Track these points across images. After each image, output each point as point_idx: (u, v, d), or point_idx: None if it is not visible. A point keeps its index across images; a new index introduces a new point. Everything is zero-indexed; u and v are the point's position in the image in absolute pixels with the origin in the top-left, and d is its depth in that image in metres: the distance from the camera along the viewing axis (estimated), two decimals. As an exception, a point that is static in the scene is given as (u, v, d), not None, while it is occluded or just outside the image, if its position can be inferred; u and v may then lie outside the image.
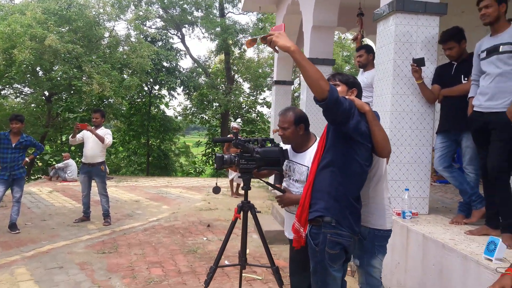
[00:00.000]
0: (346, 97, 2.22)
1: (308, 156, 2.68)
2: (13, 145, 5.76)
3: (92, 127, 6.21)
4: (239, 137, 2.98)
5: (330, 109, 2.07)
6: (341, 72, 2.62)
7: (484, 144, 3.21)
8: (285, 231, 3.04)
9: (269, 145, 3.00)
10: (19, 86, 16.02)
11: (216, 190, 3.37)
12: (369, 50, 5.17)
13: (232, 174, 8.84)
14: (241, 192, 9.08)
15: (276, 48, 2.06)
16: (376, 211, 2.39)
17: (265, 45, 2.13)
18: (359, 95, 2.45)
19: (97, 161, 6.28)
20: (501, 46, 3.07)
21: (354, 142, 2.21)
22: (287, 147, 2.90)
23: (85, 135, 6.32)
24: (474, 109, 3.28)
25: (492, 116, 3.09)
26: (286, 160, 2.88)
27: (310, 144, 2.78)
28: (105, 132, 6.34)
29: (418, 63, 3.70)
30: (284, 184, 2.94)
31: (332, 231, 2.20)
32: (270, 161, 2.91)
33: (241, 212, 3.07)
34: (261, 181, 3.41)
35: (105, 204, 6.36)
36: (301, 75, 19.13)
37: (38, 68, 14.61)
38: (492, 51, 3.12)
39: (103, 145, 6.26)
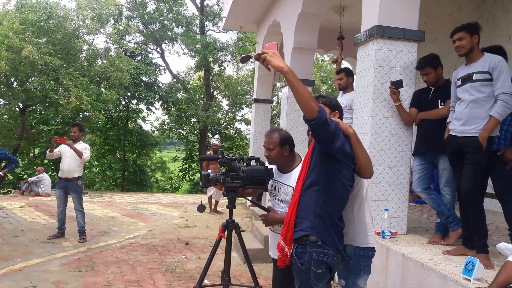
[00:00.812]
0: (333, 119, 2.30)
1: (294, 177, 2.72)
2: None
3: (70, 141, 6.11)
4: (225, 156, 3.00)
5: (319, 129, 2.13)
6: (324, 95, 2.69)
7: (459, 167, 3.35)
8: (269, 250, 3.05)
9: (255, 163, 3.04)
10: (-9, 97, 15.62)
11: (201, 208, 3.38)
12: (349, 73, 5.33)
13: (211, 191, 8.79)
14: (220, 209, 9.04)
15: (269, 66, 2.11)
16: (362, 230, 2.45)
17: (258, 61, 2.15)
18: (340, 118, 2.54)
19: (74, 176, 6.15)
20: (474, 75, 3.25)
21: (338, 162, 2.27)
22: (273, 166, 2.94)
23: (62, 149, 6.19)
24: (450, 133, 3.43)
25: (465, 140, 3.25)
26: (271, 180, 2.91)
27: (295, 164, 2.83)
28: (83, 147, 6.22)
29: (396, 85, 3.85)
30: (269, 203, 2.96)
31: (317, 250, 2.24)
32: (256, 180, 2.93)
33: (225, 231, 3.08)
34: (240, 199, 3.44)
35: (80, 220, 6.20)
36: (280, 93, 19.25)
37: (12, 79, 14.29)
38: (466, 79, 3.30)
39: (81, 160, 6.16)
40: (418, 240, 3.76)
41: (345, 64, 12.33)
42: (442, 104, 3.77)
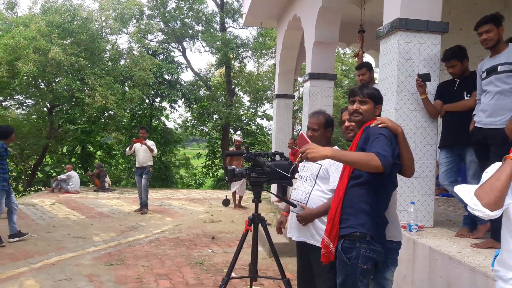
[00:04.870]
0: (379, 125, 2.27)
1: None
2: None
3: (145, 141, 8.33)
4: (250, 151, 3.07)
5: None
6: (366, 85, 2.51)
7: (485, 159, 3.30)
8: (288, 232, 3.07)
9: (279, 158, 3.09)
10: (20, 98, 16.10)
11: (226, 202, 3.45)
12: (370, 67, 5.33)
13: (235, 187, 8.89)
14: (244, 204, 9.14)
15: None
16: (392, 224, 2.45)
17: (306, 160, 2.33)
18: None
19: (147, 164, 8.54)
20: (499, 66, 3.21)
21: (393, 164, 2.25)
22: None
23: (135, 147, 8.49)
24: (475, 125, 3.40)
25: (491, 131, 3.21)
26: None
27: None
28: (152, 143, 8.53)
29: (424, 78, 3.80)
30: (294, 186, 3.04)
31: (366, 246, 2.23)
32: (280, 174, 2.99)
33: (252, 225, 3.14)
34: (264, 194, 3.51)
35: (144, 196, 8.44)
36: (301, 88, 19.10)
37: (40, 80, 14.71)
38: (491, 71, 3.26)
39: (151, 154, 8.45)
40: (446, 233, 3.73)
41: (367, 57, 12.19)
42: (468, 95, 3.72)
